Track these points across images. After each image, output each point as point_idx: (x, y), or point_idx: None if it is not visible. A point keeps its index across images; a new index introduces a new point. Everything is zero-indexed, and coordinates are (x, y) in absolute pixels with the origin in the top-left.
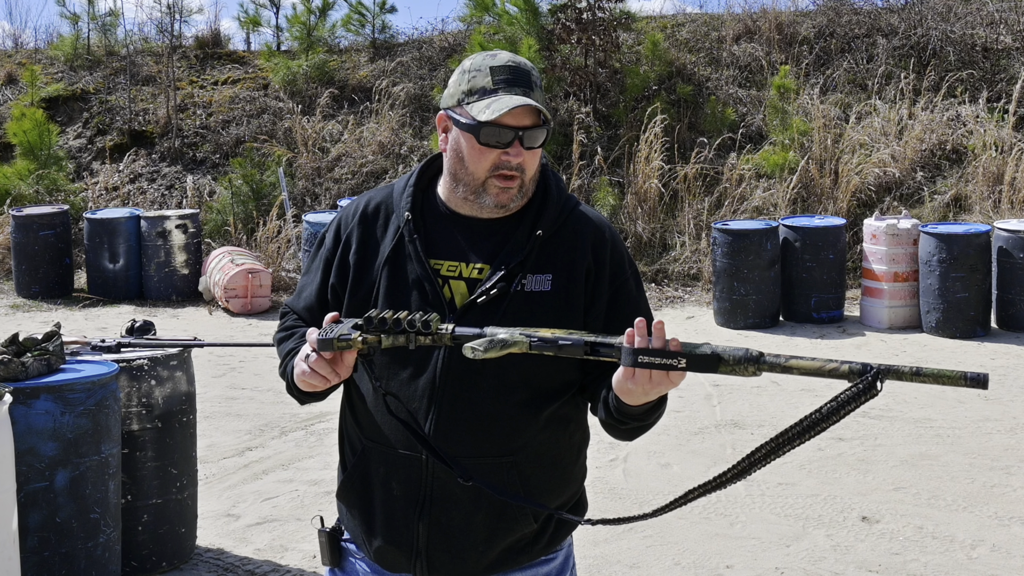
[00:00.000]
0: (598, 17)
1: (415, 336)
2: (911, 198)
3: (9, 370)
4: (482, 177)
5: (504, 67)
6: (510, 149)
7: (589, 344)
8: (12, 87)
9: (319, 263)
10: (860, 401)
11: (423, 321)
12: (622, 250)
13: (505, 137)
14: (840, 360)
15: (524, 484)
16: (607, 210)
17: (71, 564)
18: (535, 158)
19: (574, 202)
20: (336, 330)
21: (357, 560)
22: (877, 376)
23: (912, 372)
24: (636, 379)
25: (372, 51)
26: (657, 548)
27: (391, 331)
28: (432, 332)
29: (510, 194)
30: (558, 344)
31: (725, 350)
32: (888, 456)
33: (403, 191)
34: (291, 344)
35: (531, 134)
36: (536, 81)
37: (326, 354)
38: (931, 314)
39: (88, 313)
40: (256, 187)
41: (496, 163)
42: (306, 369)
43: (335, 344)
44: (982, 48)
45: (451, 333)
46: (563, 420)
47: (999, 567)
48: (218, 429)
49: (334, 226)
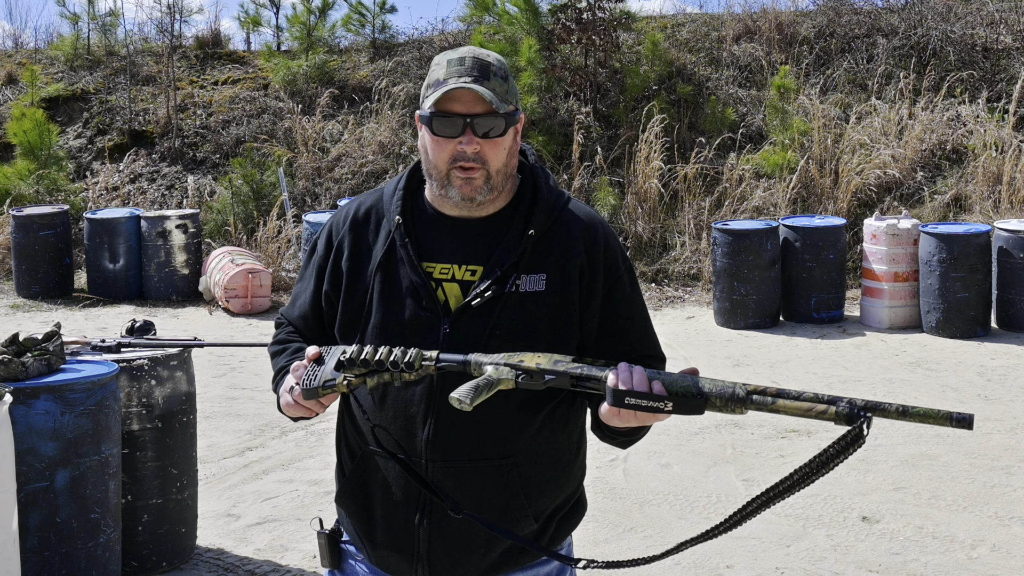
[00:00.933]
0: (598, 17)
1: (399, 374)
2: (911, 198)
3: (9, 370)
4: (444, 169)
5: (459, 58)
6: (462, 138)
7: (575, 378)
8: (12, 87)
9: (312, 270)
10: (848, 452)
11: (406, 362)
12: (615, 246)
13: (455, 125)
14: (827, 399)
15: (524, 485)
16: (607, 210)
17: (71, 564)
18: (497, 148)
19: (565, 198)
20: (320, 376)
21: (357, 562)
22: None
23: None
24: (622, 416)
25: (372, 51)
26: (657, 548)
27: (374, 371)
28: (416, 369)
29: (473, 185)
30: (544, 378)
31: (713, 390)
32: (888, 456)
33: (393, 194)
34: (282, 361)
35: (481, 121)
36: (496, 71)
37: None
38: (931, 314)
39: (88, 313)
40: (256, 187)
41: (453, 154)
42: (290, 402)
43: (320, 392)
44: (982, 48)
45: (435, 364)
46: (561, 420)
47: (999, 567)
48: (218, 429)
49: (326, 232)
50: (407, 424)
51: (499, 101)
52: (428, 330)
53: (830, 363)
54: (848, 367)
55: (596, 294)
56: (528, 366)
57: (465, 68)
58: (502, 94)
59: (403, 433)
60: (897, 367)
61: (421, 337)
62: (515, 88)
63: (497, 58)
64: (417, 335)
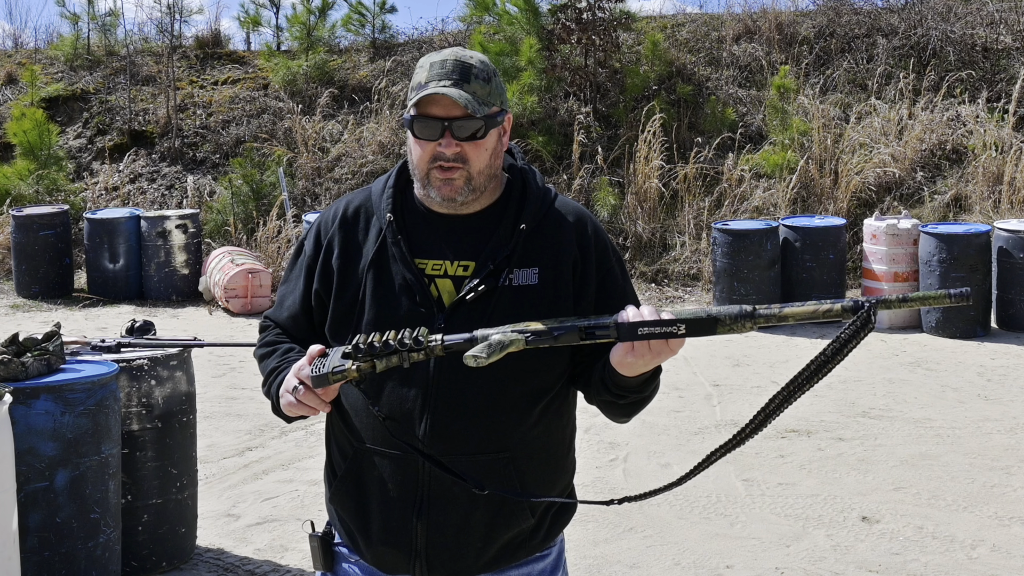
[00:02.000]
0: (598, 17)
1: (408, 354)
2: (911, 198)
3: (9, 370)
4: (424, 169)
5: (441, 61)
6: (441, 140)
7: (583, 329)
8: (12, 87)
9: (300, 271)
10: (860, 337)
11: (414, 338)
12: (605, 238)
13: (434, 128)
14: (831, 300)
15: (521, 479)
16: (607, 210)
17: (71, 564)
18: (479, 150)
19: (553, 194)
20: (328, 363)
21: (350, 564)
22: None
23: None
24: (637, 351)
25: (372, 51)
26: (657, 548)
27: (382, 354)
28: (424, 347)
29: (453, 186)
30: (554, 335)
31: (720, 311)
32: (888, 456)
33: (382, 192)
34: (273, 362)
35: (460, 125)
36: (478, 74)
37: (320, 390)
38: (931, 314)
39: (88, 313)
40: (256, 187)
41: (433, 155)
42: (293, 401)
43: (330, 379)
44: (982, 48)
45: (442, 344)
46: (556, 413)
47: (999, 567)
48: (218, 429)
49: (314, 232)
50: (404, 419)
51: (478, 104)
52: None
53: None
54: (848, 367)
55: (589, 285)
56: (536, 327)
57: (446, 71)
58: (483, 96)
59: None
60: (897, 367)
61: None
62: (501, 88)
63: (481, 59)
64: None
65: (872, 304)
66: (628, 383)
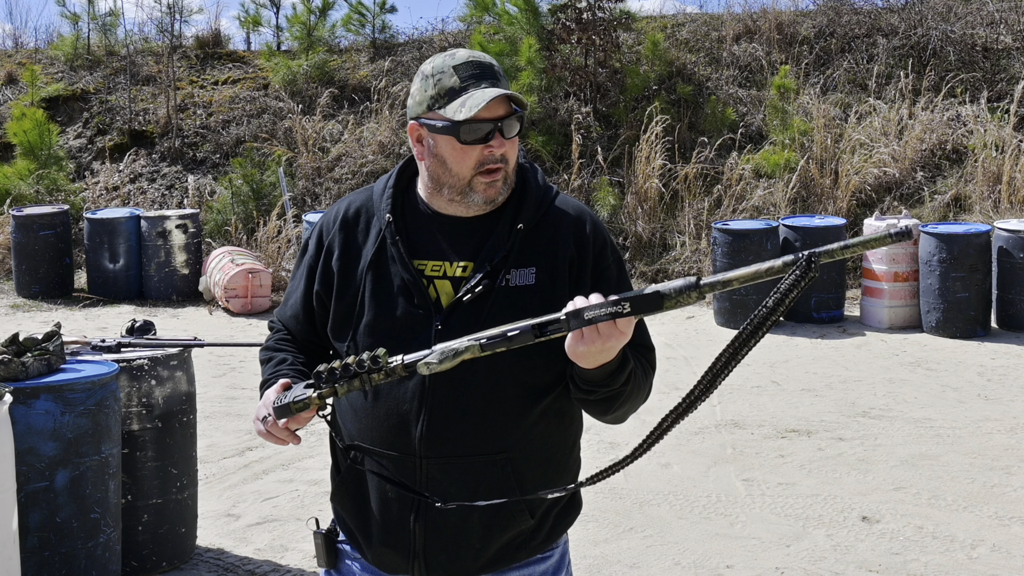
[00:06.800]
0: (598, 17)
1: (368, 376)
2: (911, 198)
3: (9, 370)
4: (468, 176)
5: (467, 63)
6: (492, 142)
7: (536, 327)
8: (12, 87)
9: (303, 271)
10: (800, 286)
11: (371, 358)
12: (604, 237)
13: (484, 131)
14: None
15: (519, 480)
16: (607, 210)
17: (71, 564)
18: (515, 146)
19: (553, 192)
20: (290, 394)
21: (353, 561)
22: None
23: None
24: (587, 338)
25: (372, 51)
26: (657, 548)
27: (343, 378)
28: (383, 367)
29: (497, 187)
30: (507, 337)
31: (665, 285)
32: (888, 456)
33: (383, 193)
34: (268, 371)
35: (508, 123)
36: (499, 71)
37: (282, 421)
38: (931, 314)
39: (88, 313)
40: (256, 187)
41: (480, 159)
42: (262, 430)
43: (292, 408)
44: (982, 48)
45: (402, 363)
46: (557, 414)
47: (999, 567)
48: (218, 429)
49: (316, 232)
50: (400, 421)
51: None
52: (420, 327)
53: (830, 363)
54: (848, 367)
55: (584, 285)
56: (491, 332)
57: (482, 72)
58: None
59: (397, 431)
60: (897, 367)
61: (413, 335)
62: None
63: (490, 56)
64: (409, 333)
65: (811, 253)
66: (591, 376)
